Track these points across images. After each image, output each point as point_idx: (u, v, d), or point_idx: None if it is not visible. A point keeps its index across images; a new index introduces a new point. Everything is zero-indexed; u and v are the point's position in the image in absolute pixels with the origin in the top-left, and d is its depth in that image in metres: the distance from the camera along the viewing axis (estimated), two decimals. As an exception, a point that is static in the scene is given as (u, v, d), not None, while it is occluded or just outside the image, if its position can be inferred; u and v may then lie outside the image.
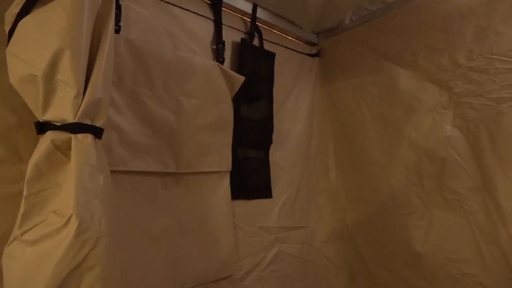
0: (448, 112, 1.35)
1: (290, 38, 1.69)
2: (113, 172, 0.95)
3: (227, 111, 1.32)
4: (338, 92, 1.72)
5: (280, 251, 1.50)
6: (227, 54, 1.36)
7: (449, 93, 1.35)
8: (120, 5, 1.02)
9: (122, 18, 1.04)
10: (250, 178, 1.44)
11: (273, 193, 1.51)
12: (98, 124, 0.77)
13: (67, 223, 0.66)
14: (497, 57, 1.22)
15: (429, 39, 1.39)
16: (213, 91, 1.26)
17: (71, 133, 0.72)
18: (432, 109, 1.39)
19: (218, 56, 1.31)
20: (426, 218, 1.40)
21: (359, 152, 1.64)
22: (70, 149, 0.71)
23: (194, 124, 1.19)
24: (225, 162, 1.32)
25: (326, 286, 1.66)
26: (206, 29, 1.31)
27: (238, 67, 1.39)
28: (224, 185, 1.31)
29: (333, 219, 1.72)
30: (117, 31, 1.01)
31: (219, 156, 1.29)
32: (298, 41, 1.73)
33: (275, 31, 1.60)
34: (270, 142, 1.52)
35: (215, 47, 1.32)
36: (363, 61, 1.60)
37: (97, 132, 0.76)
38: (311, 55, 1.77)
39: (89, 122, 0.74)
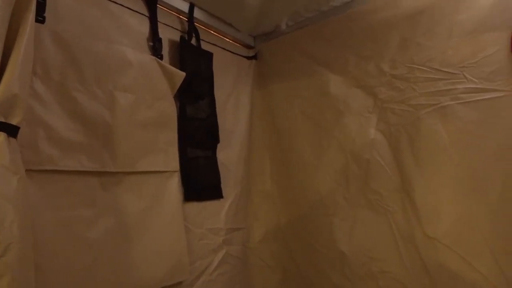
0: (373, 116, 1.41)
1: (227, 39, 1.70)
2: (41, 172, 0.93)
3: (169, 108, 1.30)
4: (273, 94, 1.75)
5: (227, 253, 1.51)
6: (165, 52, 1.34)
7: (374, 99, 1.42)
8: (44, -6, 0.97)
9: (49, 9, 0.98)
10: (201, 178, 1.42)
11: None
12: (14, 122, 0.73)
13: (-30, 229, 0.61)
14: (417, 66, 1.30)
15: (358, 47, 1.46)
16: (152, 86, 1.23)
17: (-19, 131, 0.67)
18: (358, 113, 1.45)
19: (156, 53, 1.29)
20: (350, 219, 1.46)
21: (291, 154, 1.67)
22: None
23: (132, 121, 1.15)
24: (171, 161, 1.29)
25: (259, 287, 1.67)
26: (141, 25, 1.28)
27: (179, 64, 1.37)
28: (172, 186, 1.27)
29: (267, 220, 1.74)
30: (41, 21, 0.95)
31: (164, 155, 1.26)
32: (235, 43, 1.74)
33: (212, 32, 1.60)
34: (217, 141, 1.51)
35: (152, 44, 1.29)
36: (297, 65, 1.65)
37: (11, 131, 0.72)
38: (248, 58, 1.79)
39: (2, 120, 0.71)
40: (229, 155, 1.59)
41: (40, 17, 0.95)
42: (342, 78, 1.51)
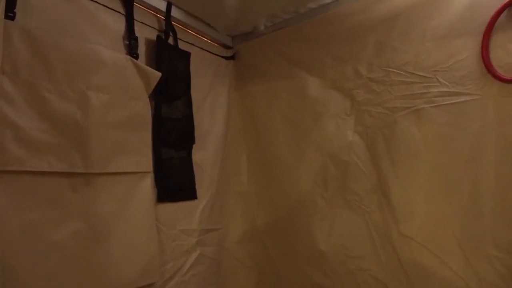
0: (351, 118, 1.44)
1: (205, 39, 1.68)
2: (7, 172, 0.91)
3: (143, 108, 1.27)
4: (251, 95, 1.75)
5: (201, 254, 1.49)
6: (141, 51, 1.32)
7: (351, 101, 1.44)
8: (15, -10, 0.94)
9: (20, 5, 0.95)
10: (175, 179, 1.41)
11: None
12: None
13: None
14: (393, 70, 1.32)
15: (335, 50, 1.48)
16: (126, 86, 1.21)
17: None
18: (336, 116, 1.47)
19: (131, 52, 1.26)
20: (329, 218, 1.48)
21: (269, 155, 1.68)
22: None
23: (105, 121, 1.13)
24: (144, 162, 1.27)
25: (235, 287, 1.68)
26: (117, 23, 1.25)
27: (155, 64, 1.35)
28: (144, 187, 1.25)
29: (244, 221, 1.74)
30: (11, 18, 0.93)
31: (137, 155, 1.24)
32: (213, 43, 1.73)
33: (190, 31, 1.58)
34: (193, 141, 1.50)
35: (127, 42, 1.27)
36: (276, 66, 1.65)
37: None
38: (226, 58, 1.78)
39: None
40: (205, 156, 1.58)
41: (10, 13, 0.92)
42: (320, 80, 1.52)
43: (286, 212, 1.61)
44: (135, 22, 1.29)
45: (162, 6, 1.40)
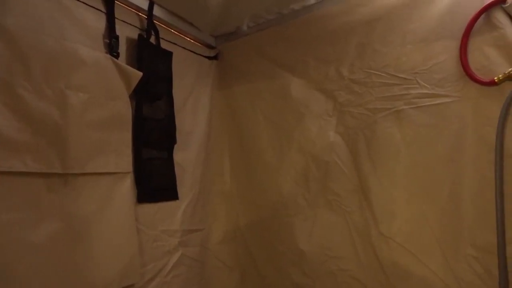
0: (333, 119, 1.45)
1: (188, 39, 1.67)
2: None
3: (124, 108, 1.26)
4: (234, 95, 1.75)
5: (183, 255, 1.48)
6: (122, 50, 1.30)
7: (334, 102, 1.45)
8: (-11, -15, 0.92)
9: (-6, 1, 0.93)
10: (155, 180, 1.39)
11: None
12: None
13: None
14: (374, 71, 1.34)
15: (318, 51, 1.49)
16: (106, 85, 1.19)
17: None
18: (319, 116, 1.48)
19: (112, 51, 1.24)
20: (310, 219, 1.49)
21: (252, 155, 1.68)
22: None
23: (84, 121, 1.11)
24: (124, 162, 1.25)
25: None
26: (97, 21, 1.23)
27: (136, 63, 1.34)
28: (124, 187, 1.24)
29: (227, 221, 1.74)
30: (-14, 14, 0.90)
31: (117, 156, 1.22)
32: (196, 43, 1.72)
33: (172, 30, 1.57)
34: (174, 141, 1.49)
35: (108, 41, 1.25)
36: (259, 67, 1.65)
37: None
38: (209, 58, 1.77)
39: None
40: (186, 156, 1.57)
41: (-15, 10, 0.90)
42: (303, 81, 1.53)
43: (269, 212, 1.61)
44: (116, 20, 1.27)
45: (144, 5, 1.38)
